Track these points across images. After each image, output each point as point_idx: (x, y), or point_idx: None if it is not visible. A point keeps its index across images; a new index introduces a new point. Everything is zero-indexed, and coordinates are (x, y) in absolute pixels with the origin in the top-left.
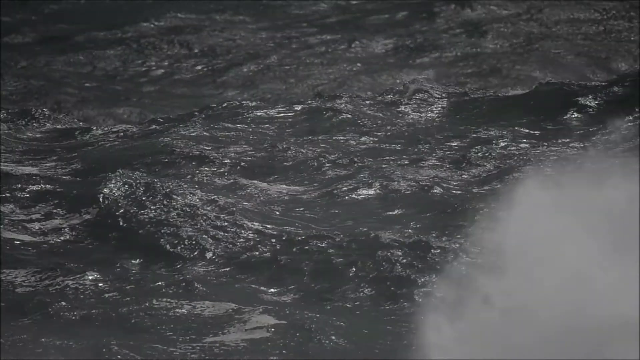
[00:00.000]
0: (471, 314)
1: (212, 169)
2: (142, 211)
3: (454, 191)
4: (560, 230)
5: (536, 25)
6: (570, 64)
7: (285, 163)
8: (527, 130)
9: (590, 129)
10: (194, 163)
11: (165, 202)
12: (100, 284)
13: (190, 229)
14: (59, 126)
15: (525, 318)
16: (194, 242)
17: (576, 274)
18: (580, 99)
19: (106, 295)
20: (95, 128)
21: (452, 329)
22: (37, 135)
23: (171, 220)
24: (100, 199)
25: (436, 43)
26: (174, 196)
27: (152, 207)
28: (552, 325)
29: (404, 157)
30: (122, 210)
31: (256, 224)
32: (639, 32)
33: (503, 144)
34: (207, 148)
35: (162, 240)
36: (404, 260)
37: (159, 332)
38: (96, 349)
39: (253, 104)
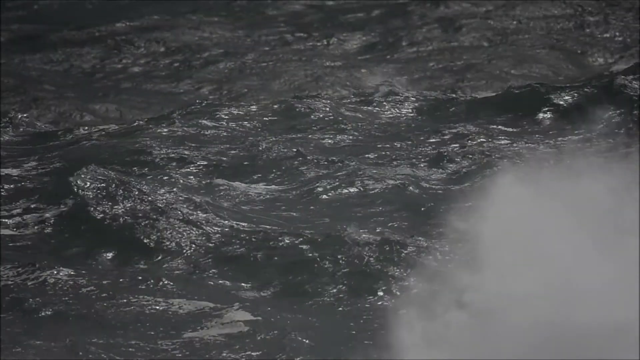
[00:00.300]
0: (446, 315)
1: (191, 169)
2: (117, 207)
3: (431, 189)
4: (540, 228)
5: (511, 21)
6: (545, 59)
7: (263, 162)
8: (503, 128)
9: (566, 127)
10: (173, 163)
11: (141, 199)
12: (75, 280)
13: (166, 227)
14: (39, 130)
15: (502, 319)
16: (168, 240)
17: (557, 273)
18: (554, 98)
19: (83, 290)
20: (78, 128)
21: (425, 330)
22: (16, 139)
23: (147, 217)
24: (74, 195)
25: (412, 39)
26: (151, 194)
27: (127, 204)
28: (532, 327)
29: (381, 155)
30: (96, 207)
31: (232, 221)
32: (613, 27)
33: (479, 141)
34: (185, 147)
35: (136, 237)
36: (380, 258)
37: (138, 328)
38: (75, 348)
39: (231, 102)
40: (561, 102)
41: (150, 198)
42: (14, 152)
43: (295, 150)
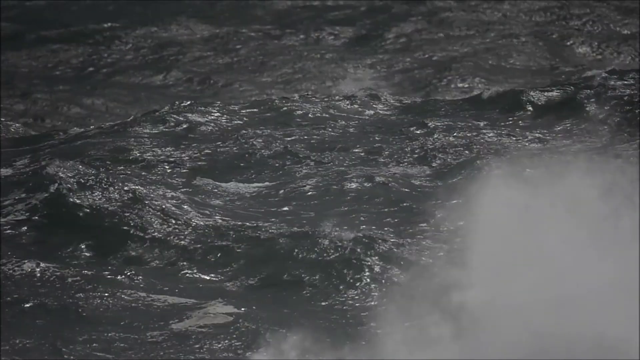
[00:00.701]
0: (430, 313)
1: (179, 165)
2: (101, 201)
3: (418, 186)
4: (528, 224)
5: (497, 13)
6: (531, 52)
7: (252, 159)
8: (489, 123)
9: (552, 124)
10: (162, 160)
11: (126, 196)
12: (62, 272)
13: (151, 221)
14: (32, 133)
15: (490, 318)
16: (152, 233)
17: (548, 270)
18: (540, 96)
19: (69, 279)
20: (72, 127)
21: (406, 328)
22: (9, 143)
23: (132, 211)
24: (54, 188)
25: (398, 31)
26: (137, 192)
27: (112, 198)
28: (521, 332)
29: (368, 152)
30: (78, 199)
31: (217, 216)
32: (598, 20)
33: (465, 136)
34: (175, 144)
35: (120, 230)
36: (363, 253)
37: (123, 322)
38: (60, 345)
39: (219, 97)
40: (547, 100)
41: (136, 193)
42: (7, 154)
43: (283, 147)
